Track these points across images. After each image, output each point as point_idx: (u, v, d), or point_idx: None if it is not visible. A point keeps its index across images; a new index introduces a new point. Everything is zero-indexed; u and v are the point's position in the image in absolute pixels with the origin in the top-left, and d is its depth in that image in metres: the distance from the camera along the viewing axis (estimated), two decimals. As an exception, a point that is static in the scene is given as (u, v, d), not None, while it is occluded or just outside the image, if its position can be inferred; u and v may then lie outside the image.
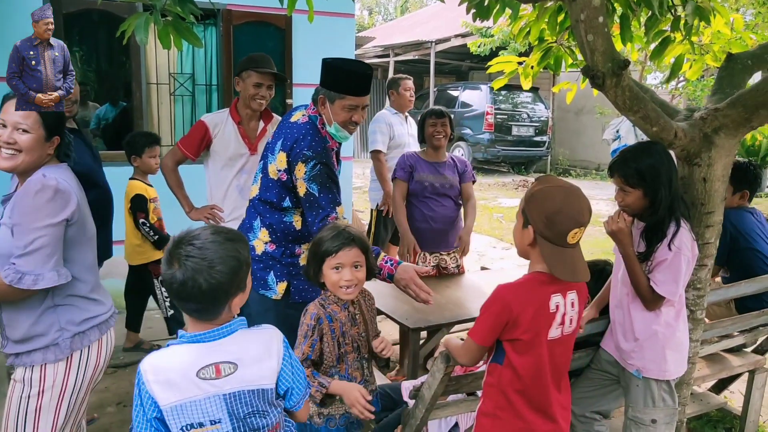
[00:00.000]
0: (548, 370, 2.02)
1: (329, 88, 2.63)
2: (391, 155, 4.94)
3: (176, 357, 1.61)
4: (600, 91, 2.27)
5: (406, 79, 5.12)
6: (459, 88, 15.92)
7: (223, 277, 1.56)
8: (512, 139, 14.57)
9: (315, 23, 3.06)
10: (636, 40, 3.37)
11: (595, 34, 2.13)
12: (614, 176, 2.44)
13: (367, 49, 18.33)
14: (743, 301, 3.28)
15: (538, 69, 3.51)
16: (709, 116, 2.42)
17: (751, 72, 2.72)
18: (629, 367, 2.48)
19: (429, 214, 4.01)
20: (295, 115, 2.73)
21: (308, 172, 2.55)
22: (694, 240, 2.40)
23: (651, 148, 2.40)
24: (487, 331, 1.98)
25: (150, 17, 2.31)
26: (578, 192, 1.97)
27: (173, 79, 5.77)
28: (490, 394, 2.08)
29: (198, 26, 5.58)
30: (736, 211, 3.32)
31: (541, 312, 1.95)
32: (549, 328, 1.97)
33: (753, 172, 3.43)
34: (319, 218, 2.55)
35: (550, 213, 1.91)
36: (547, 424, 2.05)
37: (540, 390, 2.02)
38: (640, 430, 2.48)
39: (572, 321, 2.03)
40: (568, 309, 2.00)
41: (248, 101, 3.50)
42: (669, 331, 2.43)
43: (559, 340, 2.02)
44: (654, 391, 2.45)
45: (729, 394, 3.79)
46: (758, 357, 3.43)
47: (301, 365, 1.82)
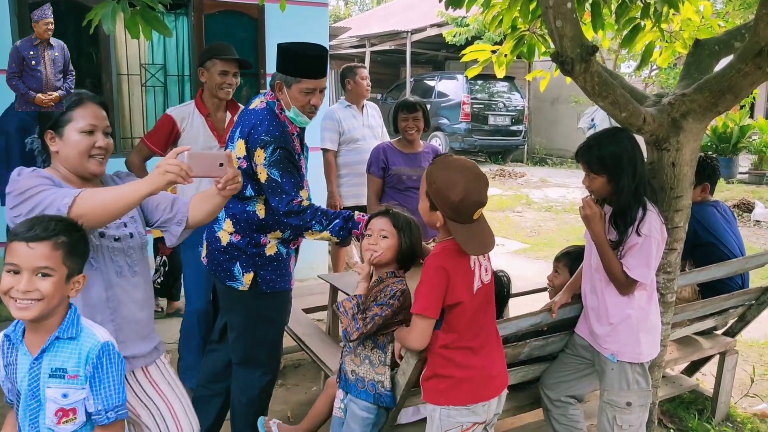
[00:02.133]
0: (477, 319, 2.16)
1: (285, 72, 2.59)
2: (346, 149, 4.80)
3: None
4: (569, 77, 2.29)
5: (362, 68, 4.98)
6: (435, 78, 15.91)
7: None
8: (489, 129, 14.61)
9: (288, 13, 3.04)
10: (607, 28, 3.39)
11: (563, 20, 2.15)
12: (579, 162, 2.50)
13: (342, 40, 18.22)
14: (709, 286, 3.34)
15: (511, 57, 3.52)
16: (676, 101, 2.45)
17: (718, 58, 2.76)
18: (604, 351, 2.51)
19: (407, 206, 3.95)
20: (254, 102, 2.69)
21: (268, 157, 2.51)
22: (662, 223, 2.43)
23: (616, 135, 2.44)
24: (434, 301, 2.08)
25: (117, 6, 2.27)
26: (475, 172, 2.06)
27: (144, 69, 5.70)
28: (429, 361, 2.19)
29: (169, 15, 5.50)
30: (699, 206, 3.37)
31: (467, 272, 2.12)
32: (473, 282, 2.13)
33: (710, 165, 3.46)
34: (284, 203, 2.52)
35: (455, 202, 2.02)
36: (487, 361, 2.17)
37: (473, 338, 2.15)
38: (616, 412, 2.52)
39: (487, 270, 2.20)
40: (482, 260, 2.19)
41: (215, 90, 3.44)
42: (642, 314, 2.47)
43: (481, 290, 2.17)
44: (628, 374, 2.49)
45: (701, 376, 3.86)
46: (728, 339, 3.49)
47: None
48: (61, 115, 1.99)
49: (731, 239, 3.41)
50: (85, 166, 2.03)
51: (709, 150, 11.51)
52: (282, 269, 2.72)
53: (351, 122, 4.85)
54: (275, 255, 2.68)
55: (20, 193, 1.89)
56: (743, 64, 2.24)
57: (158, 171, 1.86)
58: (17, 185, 1.92)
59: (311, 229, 2.57)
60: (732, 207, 8.77)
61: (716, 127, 11.48)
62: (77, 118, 2.00)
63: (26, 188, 1.89)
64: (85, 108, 2.02)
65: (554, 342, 2.71)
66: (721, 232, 3.38)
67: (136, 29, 2.38)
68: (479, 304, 2.16)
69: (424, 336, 2.11)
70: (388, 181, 4.01)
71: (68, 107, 2.00)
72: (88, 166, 2.03)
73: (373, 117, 4.97)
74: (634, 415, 2.52)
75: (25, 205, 1.88)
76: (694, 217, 3.30)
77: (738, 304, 3.34)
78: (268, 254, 2.66)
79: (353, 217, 2.62)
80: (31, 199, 1.87)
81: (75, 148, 2.00)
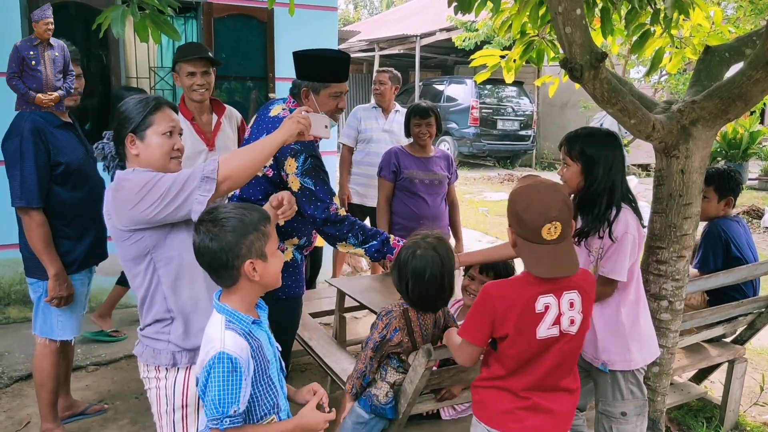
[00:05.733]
0: (543, 368, 1.99)
1: (312, 79, 2.63)
2: (360, 148, 5.02)
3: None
4: (578, 83, 2.28)
5: (382, 72, 5.16)
6: (444, 82, 15.90)
7: (227, 236, 1.72)
8: (497, 134, 14.59)
9: (297, 17, 3.04)
10: (617, 33, 3.38)
11: (573, 26, 2.14)
12: (561, 147, 2.51)
13: (351, 43, 18.24)
14: (717, 294, 3.32)
15: (520, 62, 3.51)
16: (686, 108, 2.43)
17: (728, 64, 2.74)
18: (595, 361, 2.49)
19: (417, 212, 3.95)
20: (275, 110, 2.70)
21: (300, 166, 2.54)
22: (638, 220, 2.40)
23: (605, 136, 2.45)
24: (476, 329, 2.00)
25: (127, 10, 2.28)
26: (551, 188, 1.95)
27: (153, 73, 5.72)
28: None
29: (178, 19, 5.53)
30: (726, 220, 3.39)
31: (527, 311, 1.93)
32: (536, 327, 1.93)
33: (734, 178, 3.44)
34: (320, 210, 2.55)
35: (519, 211, 1.94)
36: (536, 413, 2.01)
37: (518, 380, 2.01)
38: (612, 422, 2.50)
39: (573, 321, 1.98)
40: (564, 309, 1.96)
41: (189, 93, 3.36)
42: (629, 320, 2.44)
43: (559, 339, 1.98)
44: (621, 384, 2.47)
45: (709, 384, 3.83)
46: (737, 347, 3.46)
47: (215, 387, 1.70)
48: (143, 119, 2.06)
49: (750, 255, 3.40)
50: (167, 167, 2.09)
51: (719, 156, 11.45)
52: (297, 275, 2.76)
53: (370, 123, 5.03)
54: (291, 261, 2.70)
55: (141, 188, 1.95)
56: (754, 71, 2.23)
57: (291, 121, 2.18)
58: (131, 183, 1.98)
59: (346, 241, 2.60)
60: (742, 214, 8.72)
61: (726, 133, 11.42)
62: (158, 121, 2.07)
63: (145, 181, 1.96)
64: (164, 112, 2.10)
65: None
66: (744, 249, 3.38)
67: (145, 33, 2.40)
68: (555, 354, 1.98)
69: (466, 356, 2.08)
70: (400, 185, 4.00)
71: (148, 112, 2.07)
72: (170, 166, 2.10)
73: (399, 124, 5.00)
74: (630, 425, 2.49)
75: (153, 193, 1.95)
76: (723, 230, 3.35)
77: (747, 311, 3.31)
78: (284, 261, 2.67)
79: (389, 242, 2.64)
80: (157, 186, 1.95)
81: (159, 150, 2.07)
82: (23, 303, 4.62)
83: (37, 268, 2.91)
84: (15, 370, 3.85)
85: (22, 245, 2.96)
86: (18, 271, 4.48)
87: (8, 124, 2.91)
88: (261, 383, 1.80)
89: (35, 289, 2.96)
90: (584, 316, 2.01)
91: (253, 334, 1.80)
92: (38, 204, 2.82)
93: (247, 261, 1.75)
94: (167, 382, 2.08)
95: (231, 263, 1.74)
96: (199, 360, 1.77)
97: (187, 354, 2.08)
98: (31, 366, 3.26)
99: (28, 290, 3.01)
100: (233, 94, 5.46)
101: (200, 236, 1.77)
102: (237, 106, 3.84)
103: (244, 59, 5.40)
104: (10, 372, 3.83)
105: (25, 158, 2.78)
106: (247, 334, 1.77)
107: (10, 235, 3.23)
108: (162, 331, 2.08)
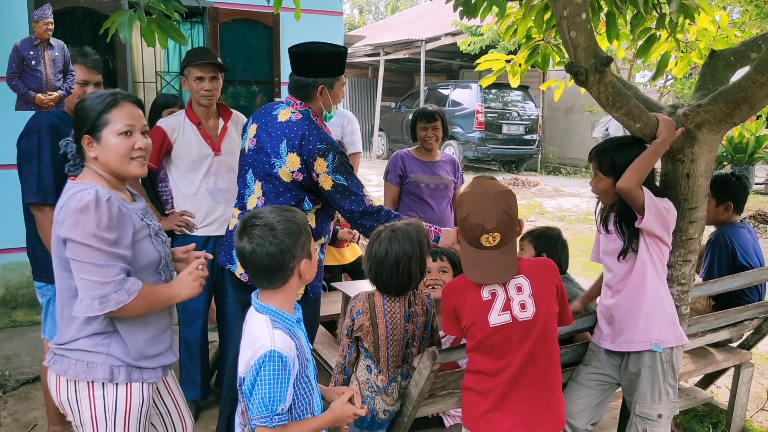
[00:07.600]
0: (514, 364, 2.07)
1: (331, 75, 2.67)
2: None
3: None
4: (583, 87, 2.28)
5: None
6: (449, 86, 15.92)
7: (286, 238, 1.74)
8: (503, 138, 14.59)
9: (303, 21, 3.05)
10: (622, 38, 3.38)
11: (577, 30, 2.14)
12: (591, 161, 2.54)
13: (357, 48, 18.28)
14: (722, 300, 3.30)
15: (525, 67, 3.51)
16: (691, 112, 2.43)
17: (734, 68, 2.73)
18: (643, 345, 2.43)
19: (423, 217, 3.87)
20: (283, 114, 2.65)
21: (330, 164, 2.55)
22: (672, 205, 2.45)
23: (632, 143, 2.44)
24: (447, 324, 2.20)
25: (134, 15, 2.30)
26: (495, 197, 2.00)
27: (160, 77, 5.75)
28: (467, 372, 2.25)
29: (185, 24, 5.56)
30: (733, 228, 3.34)
31: (475, 300, 2.08)
32: (486, 315, 2.06)
33: (735, 183, 3.33)
34: (356, 203, 2.58)
35: (461, 218, 2.06)
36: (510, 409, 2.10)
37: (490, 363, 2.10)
38: (647, 425, 2.49)
39: (524, 305, 2.07)
40: (513, 294, 2.07)
41: (197, 98, 3.38)
42: (669, 297, 2.51)
43: (516, 325, 2.06)
44: (673, 362, 2.46)
45: (715, 388, 3.81)
46: (744, 352, 3.45)
47: (265, 386, 1.71)
48: (97, 118, 1.89)
49: (757, 262, 3.37)
50: (126, 169, 1.95)
51: (725, 160, 11.41)
52: (320, 274, 2.84)
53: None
54: (317, 262, 2.73)
55: (91, 234, 1.79)
56: (760, 74, 2.22)
57: (191, 278, 2.02)
58: (72, 214, 1.81)
59: None
60: (747, 219, 8.68)
61: (732, 138, 11.38)
62: (113, 120, 1.90)
63: (82, 237, 1.80)
64: (121, 108, 1.92)
65: (567, 353, 2.69)
66: (752, 256, 3.34)
67: (152, 37, 2.41)
68: (507, 339, 2.07)
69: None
70: (406, 189, 4.00)
71: (103, 109, 1.89)
72: (130, 168, 1.95)
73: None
74: (662, 428, 2.49)
75: (87, 252, 1.80)
76: (729, 238, 3.30)
77: (753, 316, 3.30)
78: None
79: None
80: (85, 253, 1.80)
81: (114, 152, 1.91)
82: (30, 306, 4.65)
83: (44, 271, 2.92)
84: (22, 373, 3.87)
85: (30, 249, 2.97)
86: (25, 274, 4.50)
87: (9, 124, 2.93)
88: (301, 382, 1.82)
89: (43, 292, 2.96)
90: (538, 300, 2.08)
91: (294, 333, 1.81)
92: (53, 201, 2.83)
93: (302, 261, 1.79)
94: (106, 401, 1.91)
95: (287, 264, 1.76)
96: (244, 359, 1.76)
97: (125, 369, 1.92)
98: (38, 369, 3.28)
99: (36, 294, 3.02)
100: (238, 98, 5.49)
101: (256, 242, 1.73)
102: (242, 110, 3.85)
103: (250, 64, 5.44)
104: (17, 375, 3.85)
105: (43, 155, 2.79)
106: (291, 333, 1.78)
107: (17, 239, 3.25)
108: (101, 343, 1.90)
